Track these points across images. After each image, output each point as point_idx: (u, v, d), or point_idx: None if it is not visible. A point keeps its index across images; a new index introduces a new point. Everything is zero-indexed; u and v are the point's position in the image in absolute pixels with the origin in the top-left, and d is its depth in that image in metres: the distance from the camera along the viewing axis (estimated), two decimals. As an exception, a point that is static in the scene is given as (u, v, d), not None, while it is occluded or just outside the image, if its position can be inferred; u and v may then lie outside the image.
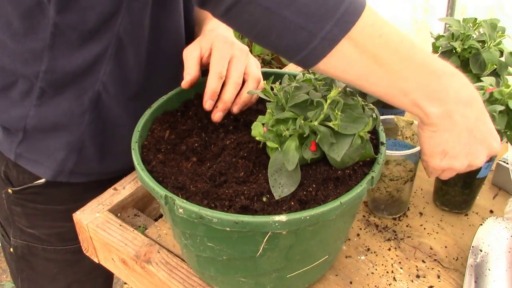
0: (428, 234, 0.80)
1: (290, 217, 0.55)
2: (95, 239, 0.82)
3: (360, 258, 0.76)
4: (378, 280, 0.73)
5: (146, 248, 0.78)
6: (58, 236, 0.97)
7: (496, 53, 0.87)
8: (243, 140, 0.69)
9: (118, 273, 0.84)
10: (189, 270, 0.74)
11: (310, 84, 0.66)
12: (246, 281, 0.65)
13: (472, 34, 0.90)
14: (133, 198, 0.88)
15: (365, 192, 0.60)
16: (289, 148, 0.61)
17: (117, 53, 0.79)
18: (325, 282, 0.73)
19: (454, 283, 0.72)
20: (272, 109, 0.63)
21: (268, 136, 0.63)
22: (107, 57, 0.79)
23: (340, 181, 0.62)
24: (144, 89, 0.86)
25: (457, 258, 0.76)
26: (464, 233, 0.80)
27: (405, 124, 0.81)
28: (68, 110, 0.82)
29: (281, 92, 0.63)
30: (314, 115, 0.60)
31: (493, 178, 0.90)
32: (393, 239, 0.79)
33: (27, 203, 0.94)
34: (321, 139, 0.60)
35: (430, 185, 0.89)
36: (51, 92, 0.81)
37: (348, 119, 0.61)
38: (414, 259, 0.76)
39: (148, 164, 0.66)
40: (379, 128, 0.68)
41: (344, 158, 0.61)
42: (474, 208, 0.85)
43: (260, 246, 0.58)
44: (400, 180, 0.78)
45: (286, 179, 0.60)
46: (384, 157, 0.65)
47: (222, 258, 0.62)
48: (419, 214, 0.84)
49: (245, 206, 0.58)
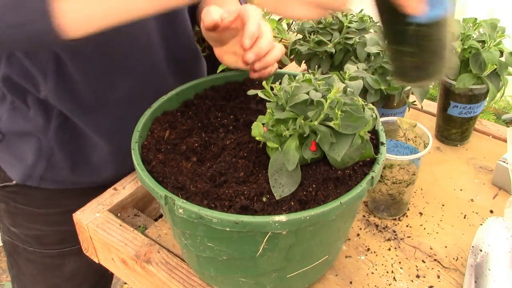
0: (428, 234, 0.80)
1: (290, 217, 0.55)
2: (95, 239, 0.82)
3: (360, 258, 0.76)
4: (378, 280, 0.73)
5: (146, 248, 0.77)
6: (37, 238, 0.97)
7: (496, 53, 0.87)
8: (243, 140, 0.69)
9: (118, 273, 0.84)
10: (189, 270, 0.74)
11: (310, 84, 0.66)
12: (246, 281, 0.65)
13: (472, 34, 0.90)
14: (133, 198, 0.88)
15: (365, 192, 0.60)
16: (289, 148, 0.61)
17: (58, 69, 0.78)
18: (325, 282, 0.73)
19: (454, 283, 0.72)
20: (272, 109, 0.63)
21: (268, 136, 0.63)
22: (48, 73, 0.79)
23: (340, 181, 0.62)
24: (103, 102, 0.84)
25: (457, 258, 0.76)
26: (464, 233, 0.80)
27: (408, 126, 0.81)
28: (33, 117, 0.83)
29: (281, 92, 0.63)
30: (314, 115, 0.60)
31: (493, 178, 0.90)
32: (393, 239, 0.79)
33: (9, 201, 0.95)
34: (321, 139, 0.60)
35: (430, 185, 0.90)
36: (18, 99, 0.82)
37: (348, 119, 0.61)
38: (414, 259, 0.76)
39: (148, 164, 0.66)
40: (379, 128, 0.68)
41: (344, 158, 0.61)
42: (474, 208, 0.85)
43: (260, 246, 0.58)
44: (402, 183, 0.78)
45: (286, 179, 0.60)
46: (384, 157, 0.65)
47: (222, 258, 0.62)
48: (419, 214, 0.84)
49: (245, 206, 0.58)
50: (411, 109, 1.06)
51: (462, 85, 0.89)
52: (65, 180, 0.90)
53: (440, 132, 1.01)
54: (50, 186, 0.90)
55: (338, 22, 0.98)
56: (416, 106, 1.02)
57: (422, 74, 0.61)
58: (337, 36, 0.96)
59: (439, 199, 0.87)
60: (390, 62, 0.63)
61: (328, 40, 0.96)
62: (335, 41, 0.95)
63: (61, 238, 0.97)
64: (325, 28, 0.98)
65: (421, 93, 0.88)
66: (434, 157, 0.97)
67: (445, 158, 0.97)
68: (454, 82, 0.90)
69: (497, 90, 0.90)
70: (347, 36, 0.95)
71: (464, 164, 0.95)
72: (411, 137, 0.81)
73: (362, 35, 0.95)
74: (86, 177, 0.91)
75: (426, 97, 0.90)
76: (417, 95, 0.88)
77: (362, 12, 1.00)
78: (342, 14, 0.99)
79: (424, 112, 1.09)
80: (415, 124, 0.80)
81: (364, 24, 0.98)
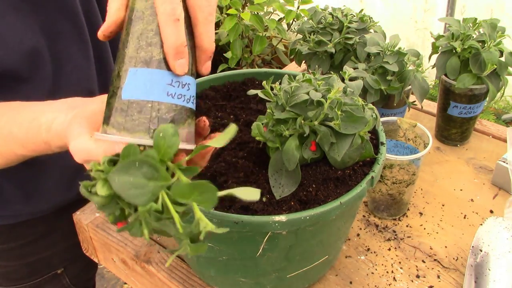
0: (428, 234, 0.80)
1: (290, 217, 0.55)
2: (95, 239, 0.82)
3: (360, 258, 0.76)
4: (378, 280, 0.73)
5: (146, 248, 0.77)
6: (5, 275, 0.92)
7: (496, 53, 0.87)
8: (243, 140, 0.69)
9: (118, 273, 0.84)
10: (189, 270, 0.74)
11: (310, 84, 0.66)
12: (246, 281, 0.65)
13: (472, 34, 0.90)
14: (133, 198, 0.88)
15: (365, 192, 0.60)
16: (289, 148, 0.61)
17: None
18: (325, 282, 0.73)
19: (454, 283, 0.72)
20: (272, 109, 0.63)
21: (268, 136, 0.63)
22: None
23: (340, 181, 0.62)
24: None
25: (457, 258, 0.76)
26: (464, 233, 0.80)
27: (408, 126, 0.81)
28: None
29: (281, 92, 0.63)
30: (314, 115, 0.60)
31: (493, 178, 0.90)
32: (393, 239, 0.79)
33: None
34: (321, 139, 0.60)
35: (430, 185, 0.90)
36: None
37: (348, 119, 0.61)
38: (414, 259, 0.76)
39: (148, 164, 0.66)
40: (379, 128, 0.68)
41: (344, 158, 0.61)
42: (474, 208, 0.85)
43: (260, 246, 0.58)
44: (402, 183, 0.78)
45: (286, 179, 0.60)
46: (384, 157, 0.65)
47: (222, 258, 0.62)
48: (419, 214, 0.84)
49: (245, 206, 0.58)
50: (411, 109, 1.06)
51: (462, 85, 0.89)
52: (23, 213, 0.85)
53: (440, 132, 1.01)
54: (6, 222, 0.85)
55: (338, 22, 0.98)
56: (416, 106, 1.02)
57: None
58: (337, 36, 0.96)
59: (439, 199, 0.87)
60: None
61: (328, 40, 0.96)
62: (335, 41, 0.95)
63: (31, 269, 0.92)
64: (325, 28, 0.98)
65: (421, 93, 0.88)
66: (434, 157, 0.97)
67: (445, 158, 0.97)
68: (454, 82, 0.90)
69: (497, 90, 0.90)
70: (347, 36, 0.95)
71: (464, 164, 0.95)
72: (411, 137, 0.81)
73: (362, 35, 0.95)
74: (43, 205, 0.85)
75: (426, 97, 0.90)
76: (417, 95, 0.88)
77: (362, 12, 1.00)
78: (342, 14, 0.99)
79: (424, 112, 1.09)
80: (415, 124, 0.80)
81: (364, 24, 0.98)
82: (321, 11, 1.01)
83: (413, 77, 0.87)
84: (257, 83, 0.82)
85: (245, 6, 1.80)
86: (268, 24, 1.65)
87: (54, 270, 0.94)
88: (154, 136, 0.42)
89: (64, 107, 0.54)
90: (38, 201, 0.85)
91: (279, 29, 1.68)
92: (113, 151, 0.45)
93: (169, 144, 0.42)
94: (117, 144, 0.44)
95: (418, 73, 0.88)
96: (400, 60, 0.87)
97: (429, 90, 0.89)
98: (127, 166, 0.38)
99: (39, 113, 0.55)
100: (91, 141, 0.46)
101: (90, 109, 0.50)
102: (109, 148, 0.45)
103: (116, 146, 0.44)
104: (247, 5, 1.78)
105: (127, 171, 0.38)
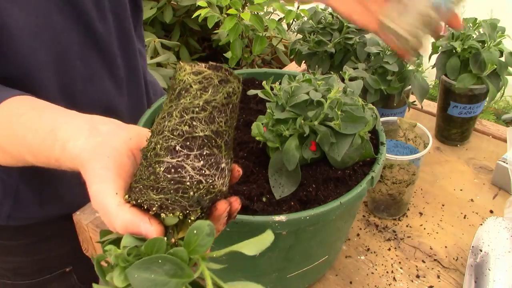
0: (428, 234, 0.80)
1: (290, 217, 0.55)
2: (95, 239, 0.82)
3: (360, 258, 0.76)
4: (378, 280, 0.73)
5: (146, 248, 0.77)
6: (14, 270, 0.92)
7: (496, 53, 0.87)
8: (243, 140, 0.69)
9: (118, 273, 0.84)
10: (189, 270, 0.74)
11: (310, 84, 0.66)
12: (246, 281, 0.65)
13: (472, 34, 0.90)
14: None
15: (365, 192, 0.60)
16: (289, 148, 0.60)
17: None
18: (325, 282, 0.73)
19: (454, 283, 0.72)
20: (272, 109, 0.63)
21: (268, 136, 0.63)
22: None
23: (340, 181, 0.62)
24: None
25: (457, 258, 0.76)
26: (464, 233, 0.80)
27: (408, 126, 0.81)
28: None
29: (281, 92, 0.63)
30: (314, 115, 0.60)
31: (493, 178, 0.90)
32: (393, 239, 0.79)
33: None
34: (321, 139, 0.60)
35: (430, 185, 0.90)
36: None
37: (348, 119, 0.61)
38: (414, 259, 0.76)
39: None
40: (379, 128, 0.68)
41: (344, 158, 0.61)
42: (474, 208, 0.85)
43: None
44: (402, 183, 0.78)
45: (286, 179, 0.60)
46: (384, 157, 0.65)
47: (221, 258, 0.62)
48: (419, 214, 0.84)
49: (245, 206, 0.58)
50: (411, 109, 1.06)
51: (462, 85, 0.89)
52: (36, 216, 0.85)
53: (440, 132, 1.01)
54: (19, 223, 0.85)
55: (338, 22, 0.98)
56: (416, 106, 1.02)
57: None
58: (337, 36, 0.96)
59: (439, 199, 0.87)
60: None
61: (328, 40, 0.96)
62: (335, 41, 0.95)
63: (40, 267, 0.93)
64: (325, 28, 0.98)
65: (421, 93, 0.88)
66: (434, 157, 0.97)
67: (445, 158, 0.97)
68: (454, 82, 0.90)
69: (497, 90, 0.90)
70: (347, 36, 0.95)
71: (464, 164, 0.95)
72: (411, 137, 0.81)
73: (362, 35, 0.95)
74: (55, 210, 0.86)
75: (426, 97, 0.90)
76: (417, 95, 0.88)
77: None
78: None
79: (424, 112, 1.09)
80: (415, 124, 0.80)
81: (364, 24, 0.98)
82: (321, 11, 1.01)
83: (413, 77, 0.87)
84: (257, 83, 0.82)
85: (245, 6, 1.80)
86: (268, 24, 1.65)
87: (63, 268, 0.95)
88: (187, 233, 0.39)
89: (86, 127, 0.49)
90: (51, 207, 0.85)
91: (279, 29, 1.68)
92: (136, 230, 0.40)
93: (201, 243, 0.39)
94: (143, 222, 0.40)
95: (418, 73, 0.88)
96: (400, 60, 0.87)
97: (429, 90, 0.89)
98: (149, 262, 0.36)
99: (59, 124, 0.51)
100: (114, 204, 0.41)
101: (117, 147, 0.45)
102: (132, 225, 0.40)
103: (142, 225, 0.40)
104: (247, 5, 1.78)
105: (149, 267, 0.36)
